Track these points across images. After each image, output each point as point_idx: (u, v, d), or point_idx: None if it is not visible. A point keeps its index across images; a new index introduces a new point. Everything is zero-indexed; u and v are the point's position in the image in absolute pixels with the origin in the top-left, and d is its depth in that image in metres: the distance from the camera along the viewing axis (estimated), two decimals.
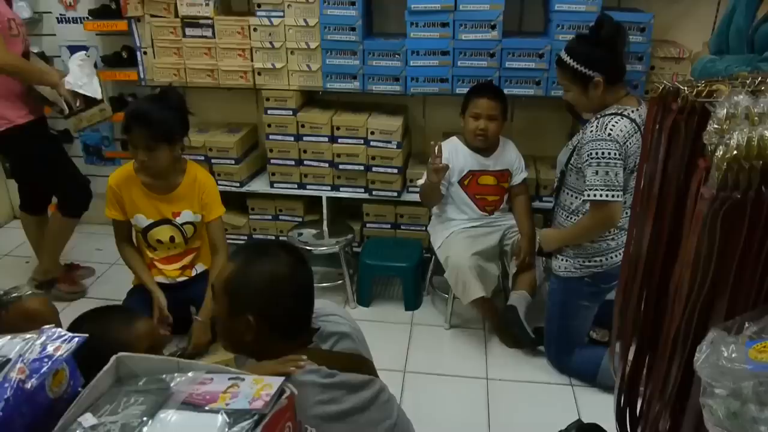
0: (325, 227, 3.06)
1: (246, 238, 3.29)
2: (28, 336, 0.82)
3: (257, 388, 0.77)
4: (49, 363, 0.78)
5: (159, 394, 0.79)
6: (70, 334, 0.83)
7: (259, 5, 2.84)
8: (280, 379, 0.78)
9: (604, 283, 2.27)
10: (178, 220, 2.43)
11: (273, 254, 1.33)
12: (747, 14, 2.05)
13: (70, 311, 2.86)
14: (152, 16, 2.94)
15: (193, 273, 2.58)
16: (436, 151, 2.45)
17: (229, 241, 3.24)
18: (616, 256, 2.21)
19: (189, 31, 2.94)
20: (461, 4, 2.61)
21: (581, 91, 2.14)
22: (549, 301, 2.45)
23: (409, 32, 2.71)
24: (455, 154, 2.64)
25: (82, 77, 2.65)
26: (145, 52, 3.02)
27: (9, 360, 0.75)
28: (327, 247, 2.94)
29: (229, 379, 0.80)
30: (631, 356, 1.34)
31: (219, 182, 3.08)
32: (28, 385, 0.73)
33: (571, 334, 2.42)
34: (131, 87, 3.29)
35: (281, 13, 2.83)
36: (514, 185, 2.73)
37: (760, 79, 1.12)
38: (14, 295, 1.84)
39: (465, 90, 2.69)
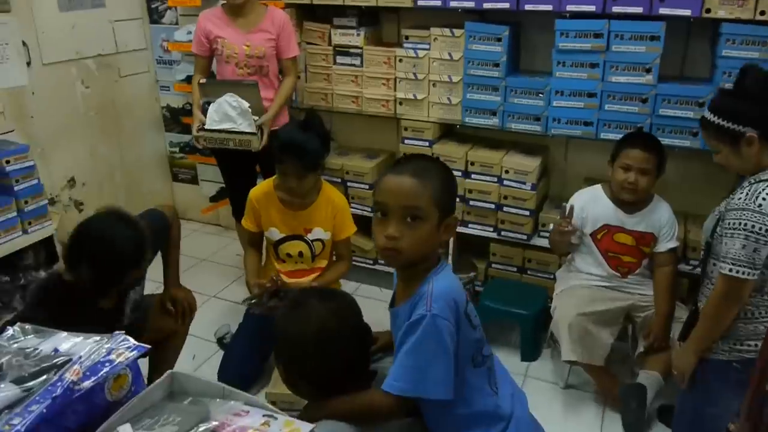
0: (449, 261, 3.01)
1: (371, 262, 3.33)
2: (99, 338, 0.87)
3: (286, 431, 0.75)
4: (108, 367, 0.82)
5: (194, 417, 0.80)
6: (135, 344, 0.87)
7: (407, 37, 2.90)
8: (310, 426, 0.76)
9: None
10: (309, 236, 2.52)
11: (312, 305, 1.34)
12: None
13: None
14: (308, 43, 3.12)
15: None
16: (567, 211, 2.29)
17: (354, 263, 3.32)
18: None
19: (339, 59, 3.07)
20: (614, 45, 2.45)
21: (732, 151, 1.87)
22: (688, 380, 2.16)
23: (555, 71, 2.60)
24: (593, 203, 2.45)
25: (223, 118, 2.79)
26: (298, 77, 3.20)
27: (69, 360, 0.81)
28: None
29: (264, 415, 0.79)
30: None
31: (352, 205, 3.17)
32: (81, 387, 0.77)
33: (706, 422, 2.10)
34: None
35: (427, 46, 2.85)
36: (658, 252, 2.42)
37: None
38: None
39: (610, 135, 2.51)
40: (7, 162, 2.75)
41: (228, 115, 2.75)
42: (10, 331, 0.94)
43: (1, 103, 2.71)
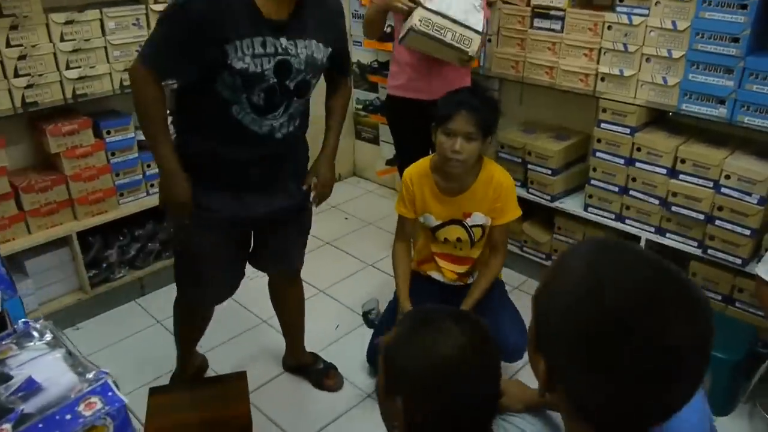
0: None
1: (544, 257, 2.94)
2: (80, 373, 0.72)
3: None
4: (68, 427, 0.66)
5: None
6: (117, 396, 0.70)
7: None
8: None
9: None
10: (468, 221, 2.25)
11: (441, 329, 0.99)
12: None
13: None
14: (504, 2, 2.74)
15: (469, 281, 2.40)
16: None
17: (524, 255, 2.97)
18: None
19: (537, 22, 2.67)
20: None
21: None
22: None
23: None
24: None
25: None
26: (489, 40, 2.84)
27: (12, 411, 0.66)
28: None
29: None
30: None
31: (530, 191, 2.82)
32: None
33: None
34: None
35: (646, 11, 2.33)
36: None
37: None
38: None
39: None
40: None
41: (460, 4, 2.31)
42: (31, 326, 0.84)
43: None
